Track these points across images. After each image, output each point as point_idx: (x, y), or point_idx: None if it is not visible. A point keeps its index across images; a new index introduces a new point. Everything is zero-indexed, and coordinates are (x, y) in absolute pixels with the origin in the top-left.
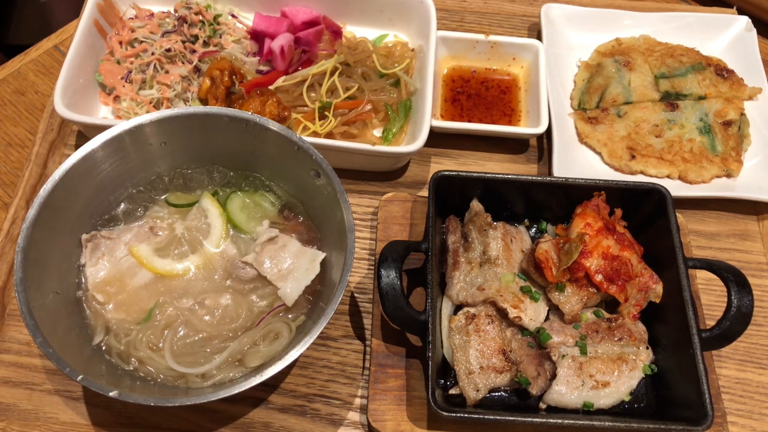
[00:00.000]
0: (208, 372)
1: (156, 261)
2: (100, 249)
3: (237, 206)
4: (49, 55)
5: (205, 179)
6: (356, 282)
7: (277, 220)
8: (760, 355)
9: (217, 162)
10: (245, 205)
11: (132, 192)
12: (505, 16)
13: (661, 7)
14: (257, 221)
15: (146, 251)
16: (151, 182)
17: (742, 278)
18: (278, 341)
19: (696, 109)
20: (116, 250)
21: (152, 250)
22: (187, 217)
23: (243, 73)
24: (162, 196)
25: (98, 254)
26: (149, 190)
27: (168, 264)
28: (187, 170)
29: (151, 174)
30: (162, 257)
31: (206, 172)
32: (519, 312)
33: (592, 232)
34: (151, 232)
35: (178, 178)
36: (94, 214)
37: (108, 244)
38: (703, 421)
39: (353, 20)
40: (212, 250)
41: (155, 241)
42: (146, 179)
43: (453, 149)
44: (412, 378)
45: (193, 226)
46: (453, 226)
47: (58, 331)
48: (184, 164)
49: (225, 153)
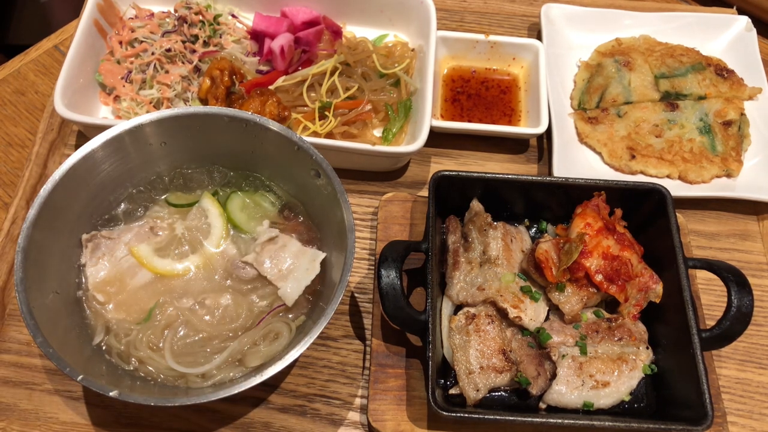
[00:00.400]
0: (208, 372)
1: (156, 261)
2: (101, 249)
3: (237, 206)
4: (49, 55)
5: (206, 179)
6: (356, 282)
7: (277, 220)
8: (760, 355)
9: (217, 162)
10: (245, 205)
11: (132, 192)
12: (505, 16)
13: (661, 7)
14: (257, 221)
15: (146, 251)
16: (151, 182)
17: (742, 278)
18: (278, 341)
19: (696, 109)
20: (116, 250)
21: (152, 250)
22: (187, 217)
23: (243, 73)
24: (162, 196)
25: (98, 254)
26: (149, 190)
27: (168, 264)
28: (187, 170)
29: (152, 174)
30: (162, 257)
31: (206, 172)
32: (519, 312)
33: (592, 232)
34: (151, 232)
35: (179, 178)
36: (94, 214)
37: (108, 244)
38: (703, 421)
39: (353, 20)
40: (212, 250)
41: (155, 241)
42: (146, 179)
43: (453, 149)
44: (412, 378)
45: (194, 225)
46: (453, 226)
47: (58, 331)
48: (184, 164)
49: (225, 153)
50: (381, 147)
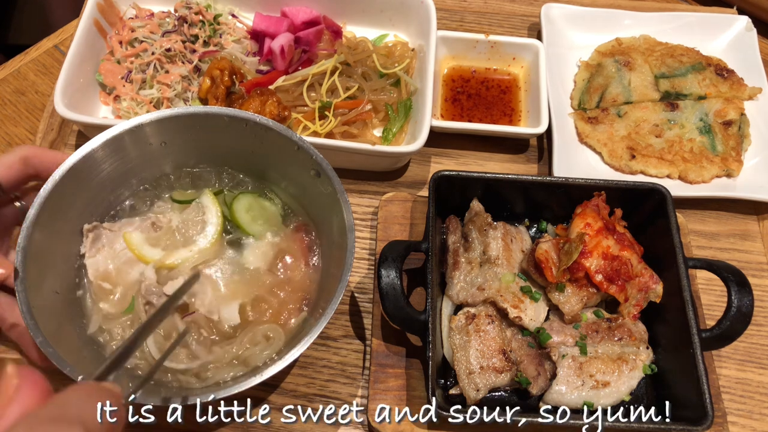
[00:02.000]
0: (203, 368)
1: (146, 249)
2: (101, 240)
3: (243, 206)
4: (49, 55)
5: (213, 179)
6: (356, 282)
7: (280, 228)
8: (760, 355)
9: (218, 162)
10: (251, 207)
11: (139, 189)
12: (505, 16)
13: (662, 7)
14: (260, 225)
15: (138, 238)
16: (156, 180)
17: (742, 278)
18: (275, 342)
19: (696, 109)
20: (116, 242)
21: (144, 238)
22: (184, 211)
23: (243, 72)
24: (167, 194)
25: (98, 245)
26: (155, 188)
27: (157, 254)
28: (194, 169)
29: (153, 174)
30: (153, 246)
31: (215, 172)
32: (519, 312)
33: (592, 232)
34: (152, 228)
35: (185, 177)
36: (94, 213)
37: (109, 235)
38: (703, 421)
39: (353, 20)
40: (202, 246)
41: (152, 234)
42: (147, 179)
43: (453, 149)
44: (412, 378)
45: (189, 219)
46: (453, 226)
47: (58, 331)
48: (184, 164)
49: (225, 153)
50: (381, 147)
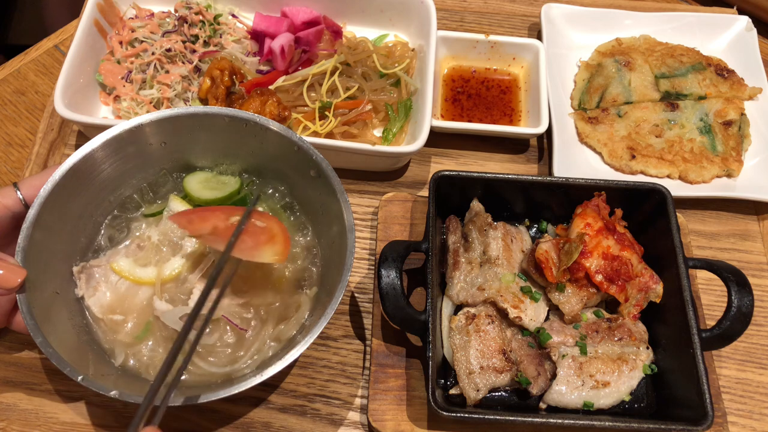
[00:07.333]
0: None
1: (138, 271)
2: (95, 278)
3: (197, 179)
4: (49, 55)
5: (170, 182)
6: (356, 282)
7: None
8: (761, 355)
9: (217, 162)
10: (207, 180)
11: (108, 220)
12: (505, 16)
13: (662, 7)
14: (210, 190)
15: (127, 264)
16: (122, 204)
17: (742, 278)
18: (300, 311)
19: (696, 109)
20: (110, 275)
21: (132, 261)
22: (160, 223)
23: (243, 73)
24: (137, 213)
25: (93, 283)
26: (123, 212)
27: (151, 272)
28: (149, 180)
29: (153, 174)
30: (144, 266)
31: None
32: (519, 312)
33: (592, 232)
34: (138, 249)
35: (147, 192)
36: (94, 213)
37: (100, 271)
38: (703, 421)
39: (353, 20)
40: (194, 248)
41: (138, 255)
42: (147, 179)
43: (453, 149)
44: (412, 378)
45: (168, 229)
46: (453, 226)
47: (58, 331)
48: (185, 164)
49: (225, 153)
50: (381, 147)
